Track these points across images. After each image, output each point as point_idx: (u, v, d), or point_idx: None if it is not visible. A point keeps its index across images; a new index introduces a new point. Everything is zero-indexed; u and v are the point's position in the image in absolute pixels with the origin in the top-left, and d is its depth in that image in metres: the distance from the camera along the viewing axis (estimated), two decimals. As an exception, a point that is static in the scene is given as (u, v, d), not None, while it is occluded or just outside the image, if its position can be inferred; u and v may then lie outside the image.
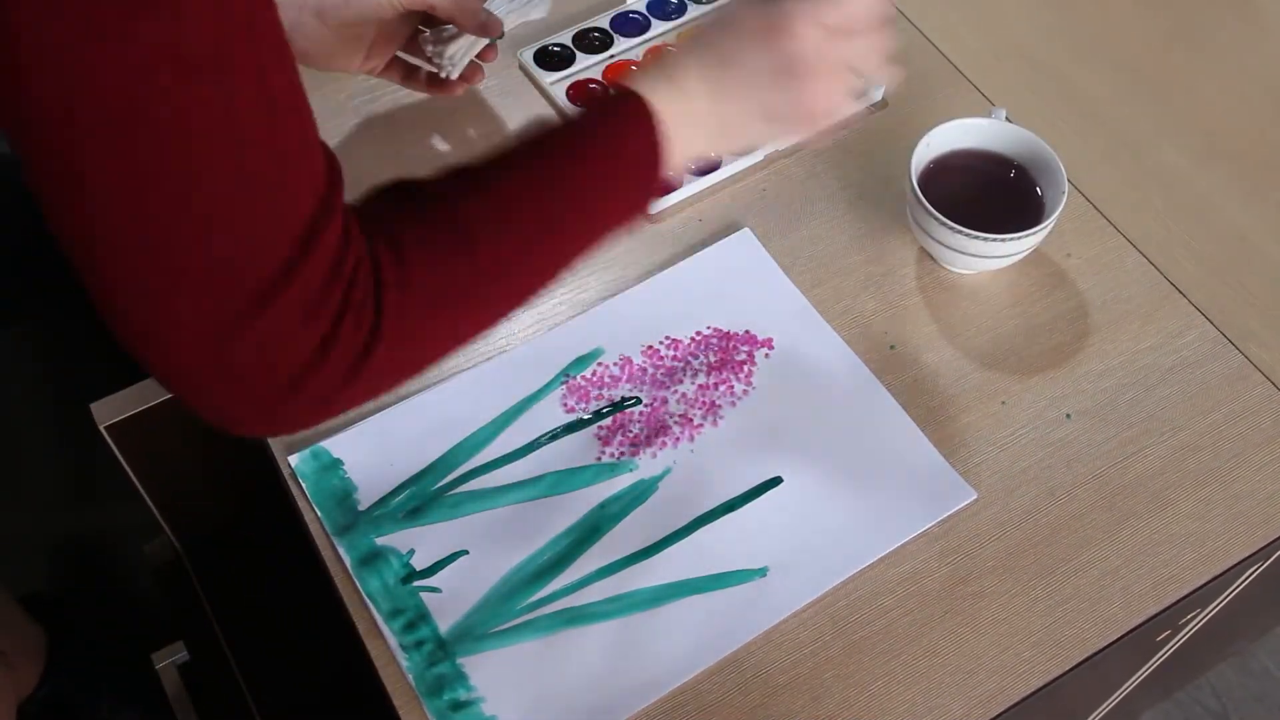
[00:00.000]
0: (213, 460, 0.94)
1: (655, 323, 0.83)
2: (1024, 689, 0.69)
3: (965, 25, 1.00)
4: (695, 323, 0.83)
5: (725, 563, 0.72)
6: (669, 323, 0.83)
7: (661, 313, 0.83)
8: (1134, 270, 0.86)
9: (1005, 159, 0.85)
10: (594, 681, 0.68)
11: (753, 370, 0.80)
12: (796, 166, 0.92)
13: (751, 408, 0.79)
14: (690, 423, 0.78)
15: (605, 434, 0.78)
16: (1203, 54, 0.97)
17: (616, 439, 0.77)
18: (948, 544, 0.74)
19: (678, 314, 0.83)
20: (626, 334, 0.82)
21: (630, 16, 1.00)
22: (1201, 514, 0.75)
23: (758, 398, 0.79)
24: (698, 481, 0.76)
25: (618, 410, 0.79)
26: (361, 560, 0.72)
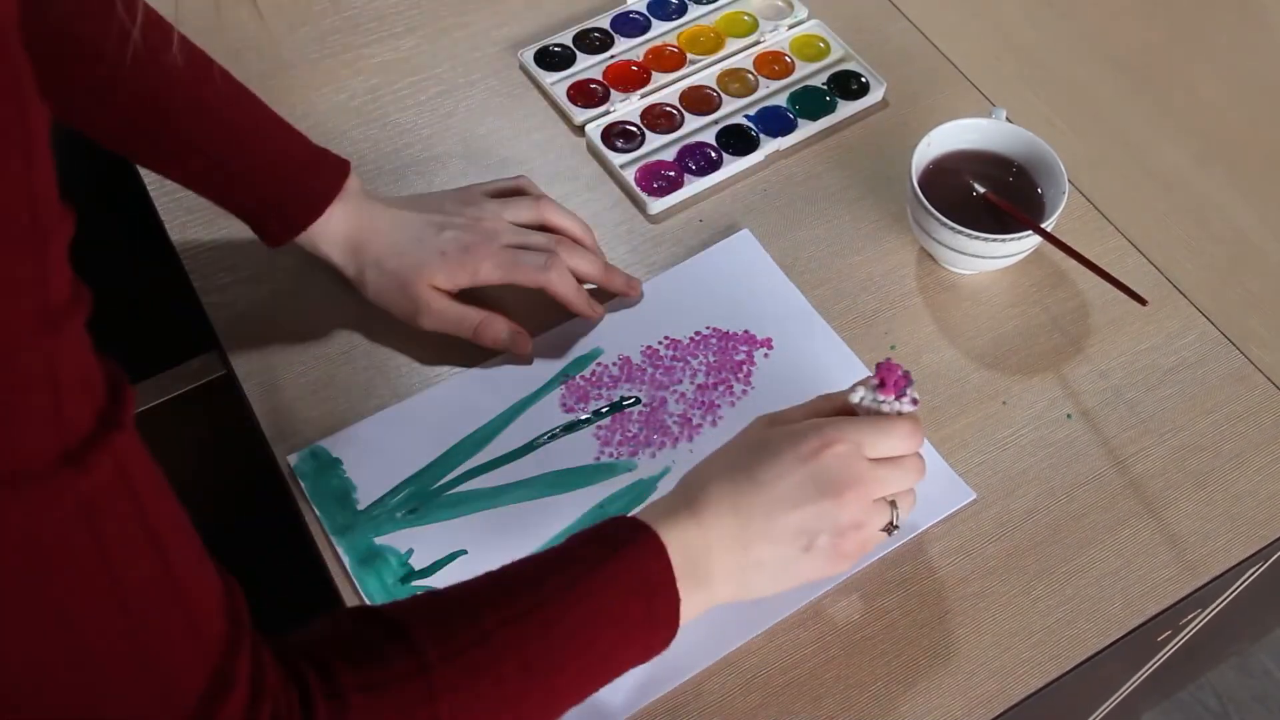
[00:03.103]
0: (213, 460, 0.94)
1: (655, 323, 0.83)
2: (1024, 689, 0.69)
3: (965, 25, 1.00)
4: (695, 323, 0.83)
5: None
6: (668, 323, 0.83)
7: (661, 313, 0.83)
8: (1134, 270, 0.86)
9: (1005, 159, 0.85)
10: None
11: (752, 370, 0.80)
12: (797, 167, 0.92)
13: (751, 408, 0.79)
14: (689, 423, 0.78)
15: (604, 434, 0.78)
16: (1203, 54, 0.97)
17: (616, 439, 0.77)
18: (948, 544, 0.74)
19: (677, 314, 0.83)
20: (626, 334, 0.82)
21: (631, 17, 1.00)
22: (1202, 514, 0.75)
23: (757, 398, 0.79)
24: (698, 481, 0.76)
25: (617, 410, 0.79)
26: (361, 560, 0.72)
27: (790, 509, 0.62)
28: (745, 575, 0.62)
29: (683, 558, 0.59)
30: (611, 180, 0.91)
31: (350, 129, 0.93)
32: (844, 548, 0.63)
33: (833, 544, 0.63)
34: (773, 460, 0.62)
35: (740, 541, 0.61)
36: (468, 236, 0.78)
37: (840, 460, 0.62)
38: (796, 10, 1.00)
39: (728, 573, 0.61)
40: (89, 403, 0.38)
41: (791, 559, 0.63)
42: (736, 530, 0.61)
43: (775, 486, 0.62)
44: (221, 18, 0.65)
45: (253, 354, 0.81)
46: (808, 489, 0.62)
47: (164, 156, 0.76)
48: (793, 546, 0.62)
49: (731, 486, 0.62)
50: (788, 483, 0.62)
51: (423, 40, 0.99)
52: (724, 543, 0.61)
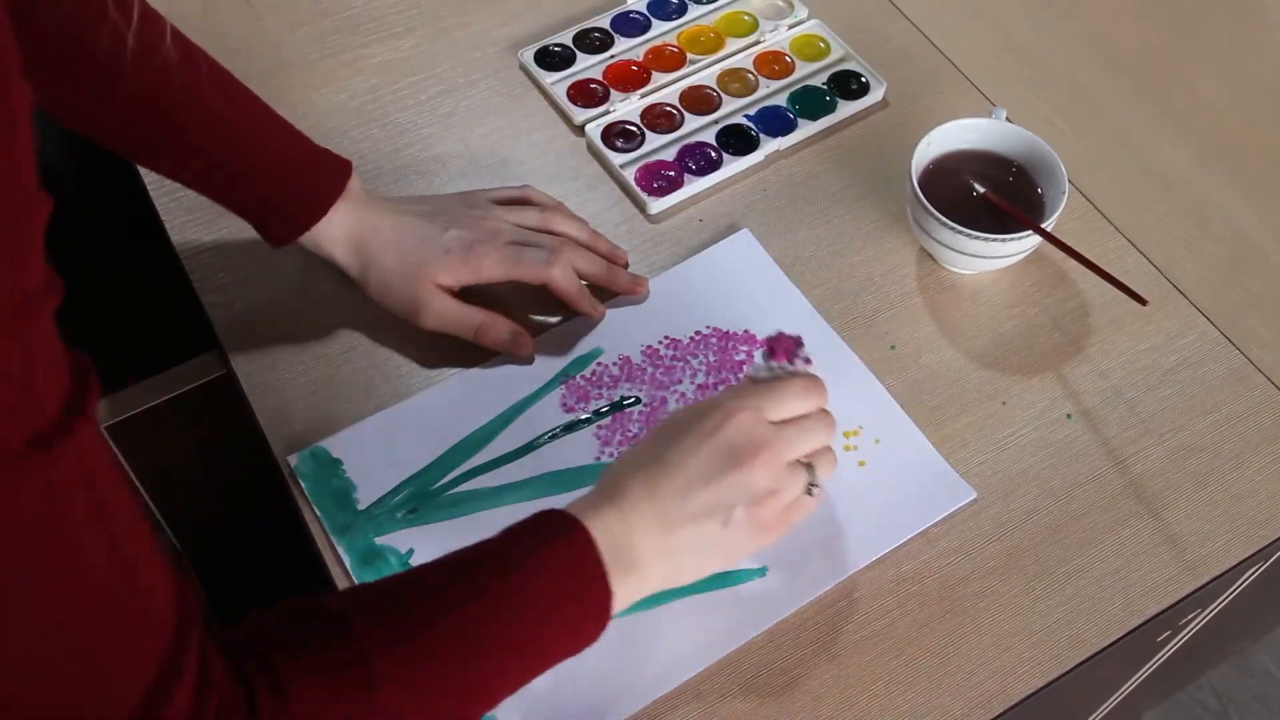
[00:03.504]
0: (213, 460, 0.94)
1: (655, 322, 0.83)
2: (1024, 689, 0.69)
3: (965, 25, 1.00)
4: (694, 322, 0.83)
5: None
6: (668, 322, 0.83)
7: (661, 312, 0.83)
8: (1134, 270, 0.86)
9: (1005, 159, 0.85)
10: (593, 681, 0.68)
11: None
12: (797, 167, 0.92)
13: (751, 408, 0.79)
14: (690, 423, 0.78)
15: (605, 434, 0.78)
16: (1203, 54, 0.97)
17: (616, 439, 0.77)
18: (948, 544, 0.74)
19: (677, 314, 0.83)
20: (626, 334, 0.82)
21: (631, 16, 1.00)
22: (1202, 514, 0.75)
23: (758, 398, 0.79)
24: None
25: (617, 410, 0.79)
26: (361, 560, 0.72)
27: (702, 485, 0.62)
28: (672, 558, 0.62)
29: (609, 548, 0.59)
30: (611, 180, 0.91)
31: (350, 129, 0.93)
32: (762, 516, 0.63)
33: (750, 514, 0.62)
34: (679, 440, 0.63)
35: (661, 525, 0.61)
36: (471, 235, 0.78)
37: (742, 427, 0.62)
38: (796, 10, 1.00)
39: (654, 558, 0.61)
40: (57, 390, 0.38)
41: (714, 535, 0.62)
42: (655, 515, 0.61)
43: (685, 466, 0.62)
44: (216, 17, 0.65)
45: (253, 354, 0.81)
46: (715, 462, 0.62)
47: (165, 156, 0.76)
48: (711, 522, 0.62)
49: (645, 473, 0.62)
50: (696, 460, 0.62)
51: (422, 40, 0.99)
52: (645, 528, 0.61)
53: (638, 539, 0.61)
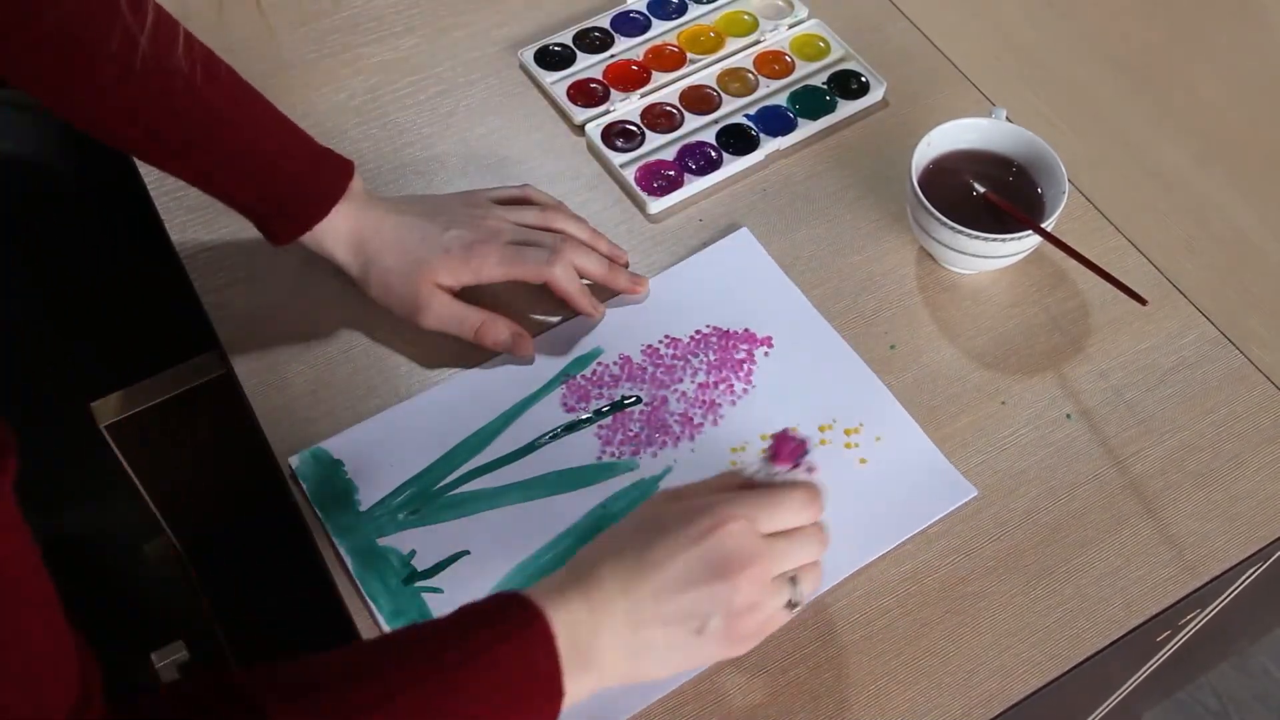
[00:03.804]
0: (213, 460, 0.94)
1: (655, 322, 0.83)
2: (1024, 689, 0.69)
3: (965, 25, 1.00)
4: (695, 321, 0.83)
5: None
6: (669, 322, 0.83)
7: (661, 312, 0.83)
8: (1134, 270, 0.86)
9: (1005, 159, 0.85)
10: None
11: (753, 369, 0.80)
12: (797, 166, 0.92)
13: (752, 406, 0.79)
14: (691, 422, 0.78)
15: (606, 433, 0.78)
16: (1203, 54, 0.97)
17: (617, 438, 0.77)
18: (948, 544, 0.74)
19: (677, 313, 0.83)
20: (626, 333, 0.82)
21: (631, 16, 1.00)
22: (1201, 514, 0.75)
23: (758, 396, 0.79)
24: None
25: (618, 409, 0.79)
26: (363, 561, 0.72)
27: (680, 591, 0.59)
28: (635, 658, 0.60)
29: (570, 643, 0.57)
30: (611, 180, 0.91)
31: (350, 128, 0.93)
32: (739, 630, 0.60)
33: (727, 626, 0.60)
34: (664, 539, 0.60)
35: (630, 624, 0.59)
36: (471, 234, 0.78)
37: (733, 539, 0.59)
38: (796, 10, 1.00)
39: (617, 655, 0.59)
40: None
41: (683, 641, 0.60)
42: (626, 611, 0.59)
43: (666, 567, 0.59)
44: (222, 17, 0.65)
45: (253, 354, 0.81)
46: (699, 570, 0.59)
47: (169, 154, 0.76)
48: (684, 629, 0.59)
49: (623, 567, 0.59)
50: (678, 563, 0.59)
51: (422, 40, 0.99)
52: (613, 624, 0.58)
53: (603, 635, 0.58)
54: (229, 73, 0.76)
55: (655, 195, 0.89)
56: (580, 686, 0.58)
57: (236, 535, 1.02)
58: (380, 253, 0.78)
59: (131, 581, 1.42)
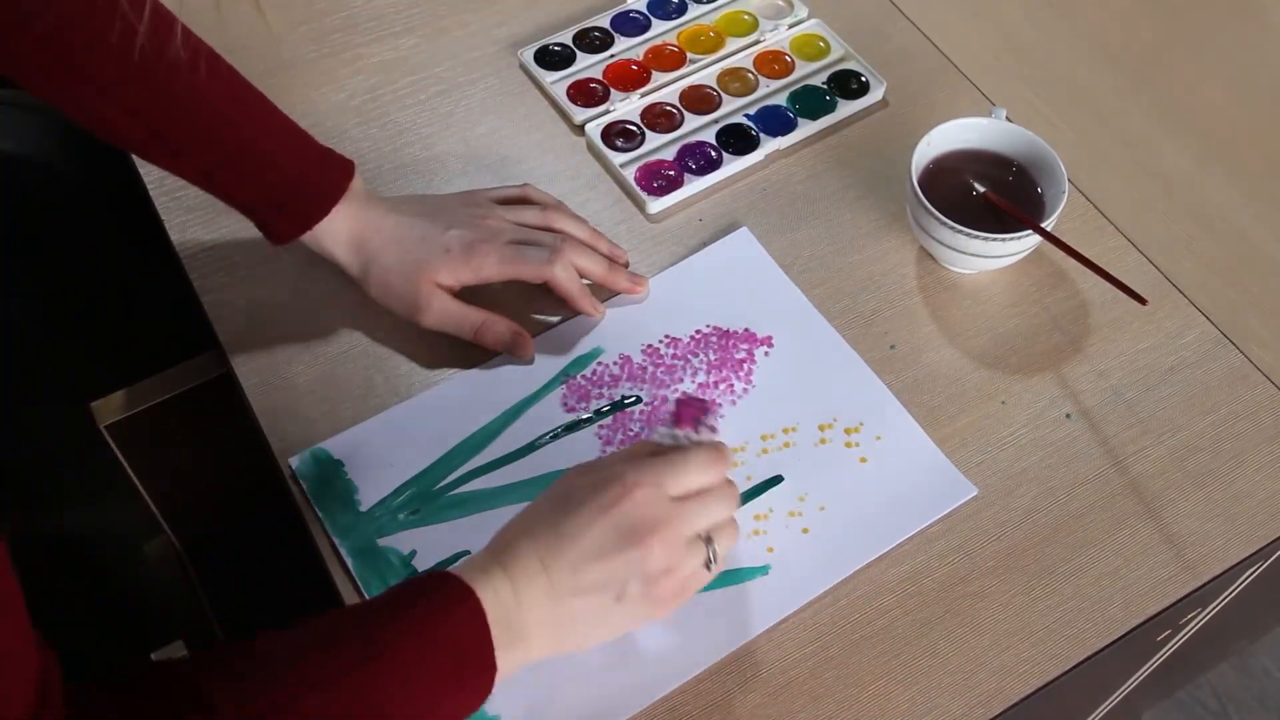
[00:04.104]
0: (213, 460, 0.94)
1: (655, 321, 0.83)
2: (1024, 689, 0.69)
3: (965, 25, 1.00)
4: (695, 321, 0.83)
5: (726, 561, 0.72)
6: (668, 321, 0.83)
7: (661, 311, 0.83)
8: (1134, 270, 0.86)
9: (1005, 159, 0.85)
10: (594, 681, 0.68)
11: (753, 368, 0.80)
12: (797, 166, 0.92)
13: (752, 406, 0.79)
14: (690, 422, 0.78)
15: (606, 433, 0.78)
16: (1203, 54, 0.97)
17: (617, 438, 0.77)
18: (947, 544, 0.74)
19: (677, 313, 0.83)
20: (626, 333, 0.82)
21: (631, 16, 1.00)
22: (1201, 514, 0.75)
23: (758, 395, 0.79)
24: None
25: (618, 409, 0.79)
26: (364, 561, 0.72)
27: (595, 560, 0.60)
28: (560, 629, 0.61)
29: (498, 617, 0.58)
30: (611, 179, 0.91)
31: (350, 128, 0.93)
32: (657, 593, 0.62)
33: (645, 591, 0.61)
34: (575, 512, 0.61)
35: (551, 596, 0.60)
36: (472, 234, 0.78)
37: (641, 506, 0.61)
38: (796, 9, 1.00)
39: (542, 628, 0.60)
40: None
41: (605, 609, 0.61)
42: (546, 585, 0.60)
43: (580, 539, 0.60)
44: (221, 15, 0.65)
45: (252, 354, 0.81)
46: (611, 538, 0.60)
47: (170, 153, 0.76)
48: (604, 596, 0.61)
49: (539, 542, 0.61)
50: (591, 534, 0.60)
51: (422, 39, 0.99)
52: (535, 598, 0.60)
53: (527, 609, 0.60)
54: (230, 72, 0.76)
55: (655, 195, 0.89)
56: (510, 660, 0.59)
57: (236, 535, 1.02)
58: (380, 252, 0.78)
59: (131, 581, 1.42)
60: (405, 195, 0.87)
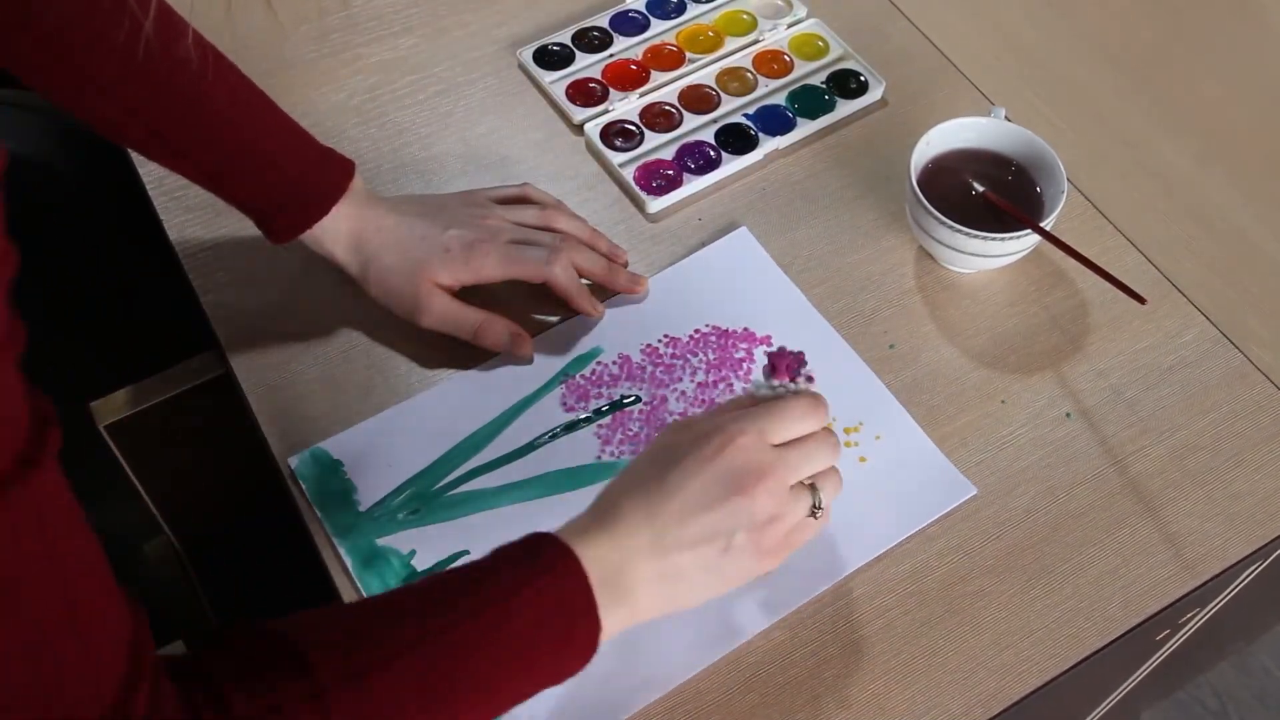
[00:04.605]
0: (213, 460, 0.94)
1: (654, 321, 0.83)
2: (1023, 688, 0.69)
3: (965, 25, 1.00)
4: (694, 321, 0.83)
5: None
6: (668, 321, 0.83)
7: (660, 311, 0.83)
8: (1133, 269, 0.86)
9: (1005, 158, 0.85)
10: (593, 680, 0.68)
11: (752, 368, 0.80)
12: (796, 166, 0.92)
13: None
14: (690, 422, 0.78)
15: (605, 433, 0.78)
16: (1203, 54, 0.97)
17: (616, 438, 0.77)
18: (947, 543, 0.74)
19: (676, 312, 0.83)
20: (625, 333, 0.82)
21: (630, 16, 1.00)
22: (1201, 513, 0.75)
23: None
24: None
25: (617, 409, 0.79)
26: (363, 561, 0.72)
27: (702, 511, 0.60)
28: (668, 585, 0.61)
29: (601, 577, 0.58)
30: (610, 179, 0.91)
31: (349, 128, 0.93)
32: (765, 543, 0.62)
33: (752, 540, 0.61)
34: (679, 465, 0.61)
35: (657, 551, 0.60)
36: (471, 233, 0.78)
37: (744, 453, 0.61)
38: (795, 9, 1.00)
39: (649, 585, 0.60)
40: (9, 443, 0.38)
41: (713, 561, 0.61)
42: (652, 540, 0.60)
43: (684, 490, 0.60)
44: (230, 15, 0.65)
45: (252, 353, 0.81)
46: (716, 488, 0.60)
47: (171, 151, 0.76)
48: (711, 548, 0.60)
49: (643, 498, 0.60)
50: (696, 485, 0.60)
51: (422, 39, 0.99)
52: (641, 554, 0.59)
53: (632, 566, 0.59)
54: (232, 71, 0.76)
55: (654, 195, 0.89)
56: (616, 619, 0.59)
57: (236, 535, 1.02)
58: (380, 252, 0.78)
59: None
60: (405, 195, 0.87)
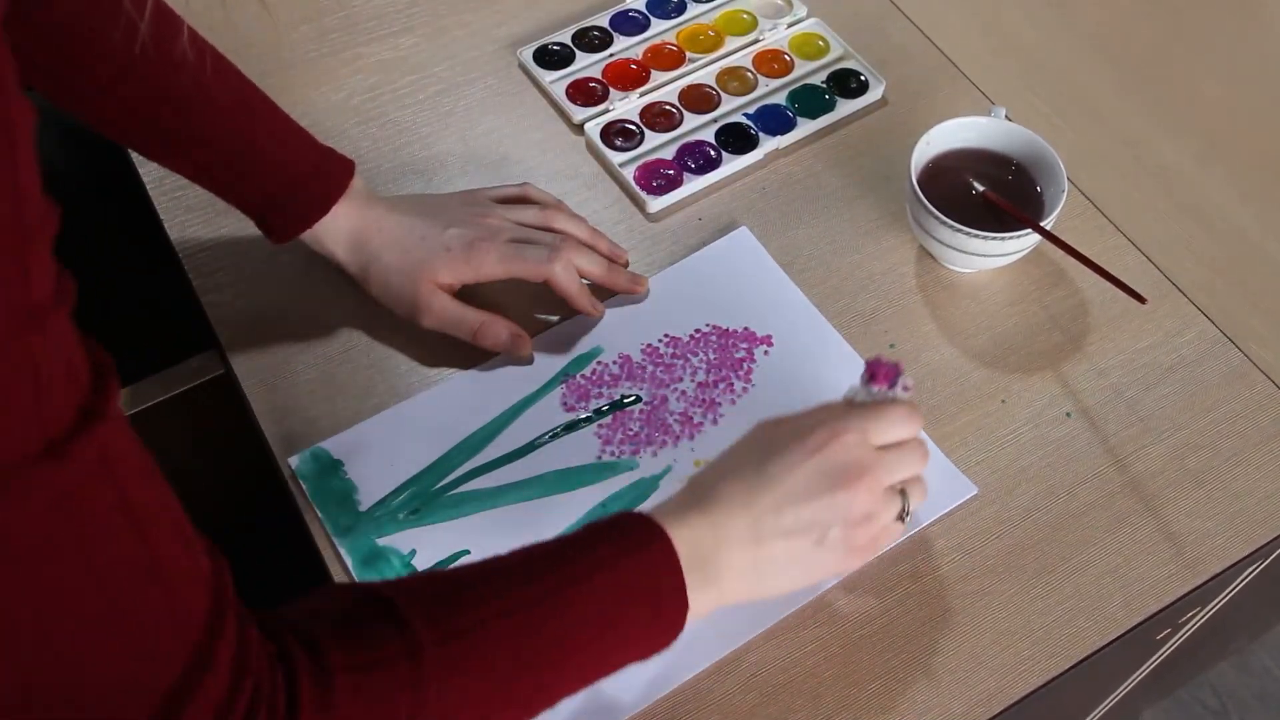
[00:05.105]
0: (213, 460, 0.94)
1: (654, 321, 0.83)
2: (1024, 687, 0.69)
3: (965, 24, 1.00)
4: (694, 321, 0.83)
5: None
6: (668, 321, 0.83)
7: (660, 311, 0.83)
8: (1133, 268, 0.86)
9: (1005, 158, 0.85)
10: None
11: (752, 368, 0.80)
12: (796, 165, 0.92)
13: (752, 405, 0.79)
14: (690, 421, 0.78)
15: (605, 433, 0.78)
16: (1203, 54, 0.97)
17: (617, 437, 0.77)
18: (948, 543, 0.74)
19: (677, 312, 0.83)
20: (626, 332, 0.82)
21: (630, 15, 1.00)
22: (1201, 513, 0.75)
23: (758, 395, 0.79)
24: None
25: (618, 409, 0.79)
26: (363, 561, 0.72)
27: (802, 502, 0.61)
28: (758, 572, 0.62)
29: (692, 557, 0.59)
30: (611, 179, 0.91)
31: (349, 127, 0.93)
32: (857, 540, 0.63)
33: (845, 536, 0.62)
34: (781, 455, 0.62)
35: (753, 537, 0.61)
36: (471, 232, 0.78)
37: (848, 450, 0.62)
38: (796, 8, 1.00)
39: (739, 570, 0.61)
40: (72, 395, 0.39)
41: (804, 553, 0.62)
42: (749, 526, 0.61)
43: (786, 480, 0.61)
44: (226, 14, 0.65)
45: (252, 353, 0.81)
46: (819, 481, 0.61)
47: (171, 150, 0.76)
48: (806, 540, 0.62)
49: (742, 483, 0.62)
50: (798, 476, 0.61)
51: (422, 39, 0.99)
52: (736, 539, 0.61)
53: (726, 550, 0.60)
54: (231, 70, 0.76)
55: (654, 194, 0.89)
56: (703, 601, 0.60)
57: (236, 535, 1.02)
58: (381, 251, 0.78)
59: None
60: (405, 195, 0.87)
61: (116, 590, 0.41)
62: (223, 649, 0.44)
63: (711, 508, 0.61)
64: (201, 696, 0.43)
